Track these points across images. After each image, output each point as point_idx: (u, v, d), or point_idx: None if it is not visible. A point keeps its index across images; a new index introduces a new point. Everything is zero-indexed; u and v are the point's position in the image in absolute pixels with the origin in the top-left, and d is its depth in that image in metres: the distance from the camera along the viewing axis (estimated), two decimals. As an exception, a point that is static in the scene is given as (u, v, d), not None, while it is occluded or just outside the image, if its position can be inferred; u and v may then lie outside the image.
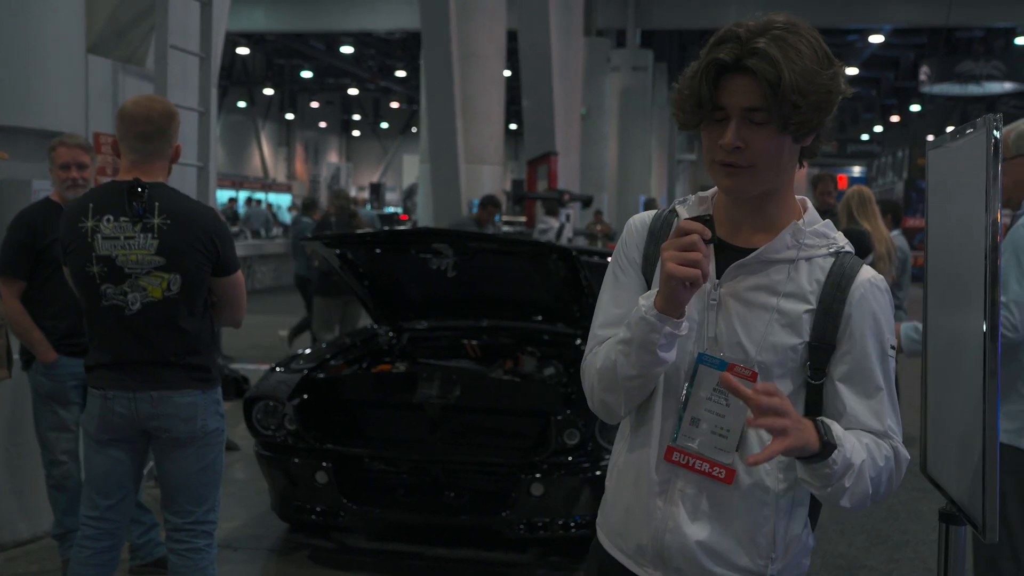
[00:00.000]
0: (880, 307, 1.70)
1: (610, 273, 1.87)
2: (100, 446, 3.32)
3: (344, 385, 5.12)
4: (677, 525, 1.73)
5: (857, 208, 6.65)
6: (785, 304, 1.68)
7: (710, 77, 1.59)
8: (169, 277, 3.20)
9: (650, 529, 1.76)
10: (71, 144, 4.24)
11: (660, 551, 1.76)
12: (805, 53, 1.57)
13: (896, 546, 5.19)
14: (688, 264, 1.57)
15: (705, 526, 1.72)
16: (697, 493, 1.72)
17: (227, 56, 32.66)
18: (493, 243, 5.48)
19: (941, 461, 2.52)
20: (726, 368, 1.67)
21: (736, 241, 1.73)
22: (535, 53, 18.82)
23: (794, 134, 1.62)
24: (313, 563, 4.83)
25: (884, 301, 1.72)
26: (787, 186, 1.73)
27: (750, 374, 1.65)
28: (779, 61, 1.54)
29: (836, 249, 1.72)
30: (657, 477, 1.75)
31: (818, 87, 1.58)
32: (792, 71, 1.55)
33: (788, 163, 1.68)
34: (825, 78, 1.59)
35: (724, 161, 1.63)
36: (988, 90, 26.26)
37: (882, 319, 1.71)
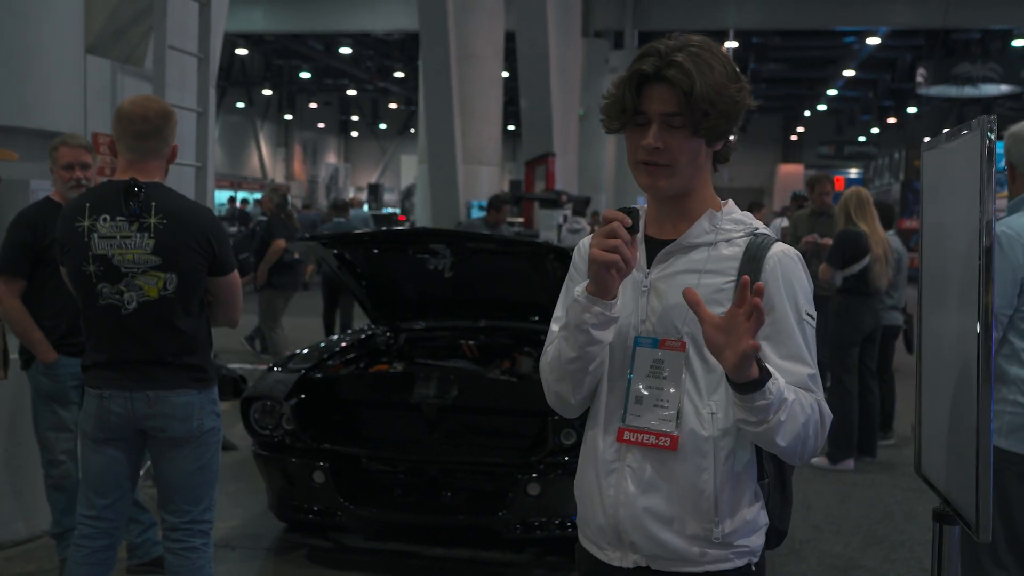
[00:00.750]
0: (794, 274, 1.84)
1: (565, 284, 2.08)
2: (97, 445, 3.33)
3: (341, 385, 5.13)
4: (627, 498, 1.86)
5: (855, 209, 6.67)
6: (706, 279, 1.84)
7: (633, 85, 1.80)
8: (165, 276, 3.21)
9: (604, 507, 1.89)
10: (74, 144, 4.25)
11: (615, 527, 1.88)
12: (716, 68, 1.78)
13: (892, 546, 5.21)
14: (607, 249, 1.75)
15: (652, 495, 1.84)
16: (642, 465, 1.86)
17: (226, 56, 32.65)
18: (490, 243, 5.49)
19: (934, 461, 2.54)
20: (659, 344, 1.86)
21: (663, 236, 1.92)
22: (533, 54, 18.85)
23: (706, 138, 1.82)
24: (310, 563, 4.83)
25: (797, 269, 1.85)
26: (704, 185, 1.91)
27: (679, 345, 1.85)
28: (693, 73, 1.75)
29: (752, 231, 1.89)
30: (608, 458, 1.90)
31: (726, 98, 1.79)
32: (703, 82, 1.75)
33: (703, 165, 1.87)
34: (732, 91, 1.80)
35: (645, 160, 1.84)
36: (985, 92, 26.26)
37: (796, 285, 1.83)
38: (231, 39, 29.65)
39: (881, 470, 6.79)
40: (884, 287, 6.73)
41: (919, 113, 36.81)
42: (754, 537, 1.87)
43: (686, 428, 1.83)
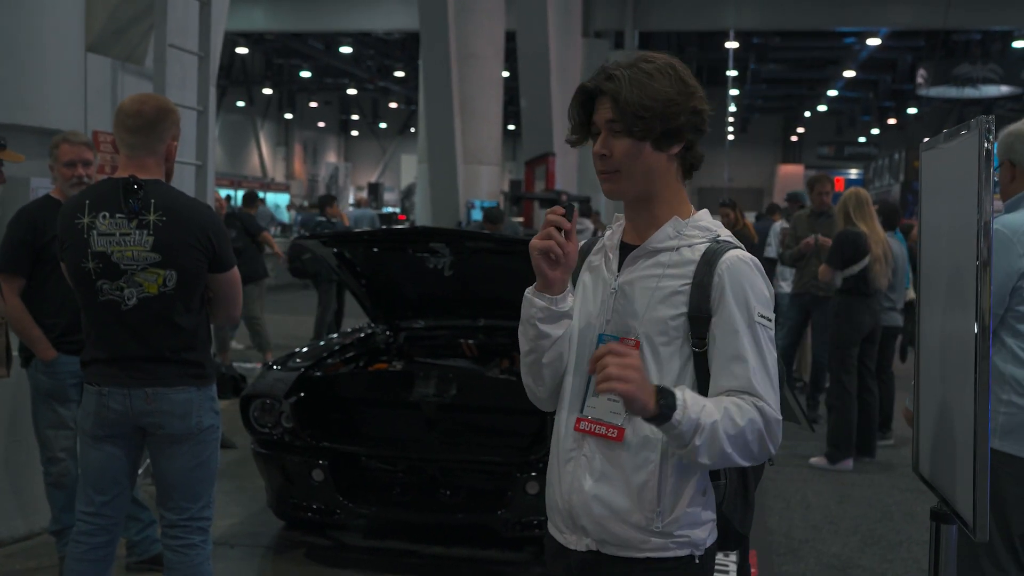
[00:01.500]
0: (745, 277, 1.90)
1: None
2: (96, 442, 3.33)
3: (341, 383, 5.14)
4: (580, 485, 1.98)
5: (854, 210, 6.68)
6: (664, 282, 1.95)
7: (578, 101, 1.99)
8: (165, 273, 3.21)
9: (562, 492, 2.02)
10: (75, 142, 4.25)
11: (569, 511, 2.00)
12: (656, 77, 1.89)
13: (890, 546, 5.21)
14: (543, 238, 1.93)
15: (602, 483, 1.96)
16: (594, 454, 1.97)
17: (226, 55, 32.66)
18: (489, 242, 5.50)
19: (932, 460, 2.54)
20: (618, 342, 1.95)
21: (634, 241, 2.03)
22: (533, 54, 18.85)
23: (646, 140, 1.91)
24: (309, 560, 4.84)
25: (750, 273, 1.90)
26: (669, 192, 1.99)
27: (633, 343, 1.94)
28: (623, 82, 1.89)
29: (714, 237, 1.96)
30: (568, 446, 2.02)
31: (660, 101, 1.88)
32: (634, 89, 1.88)
33: (658, 170, 1.96)
34: (671, 94, 1.89)
35: (599, 169, 1.98)
36: (985, 93, 26.26)
37: (747, 288, 1.89)
38: (231, 38, 29.64)
39: (880, 470, 6.79)
40: (884, 287, 6.73)
41: (919, 114, 36.81)
42: (698, 531, 1.94)
43: (635, 422, 1.91)
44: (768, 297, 1.93)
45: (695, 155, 1.99)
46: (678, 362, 1.93)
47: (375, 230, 5.95)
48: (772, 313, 1.93)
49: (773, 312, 1.94)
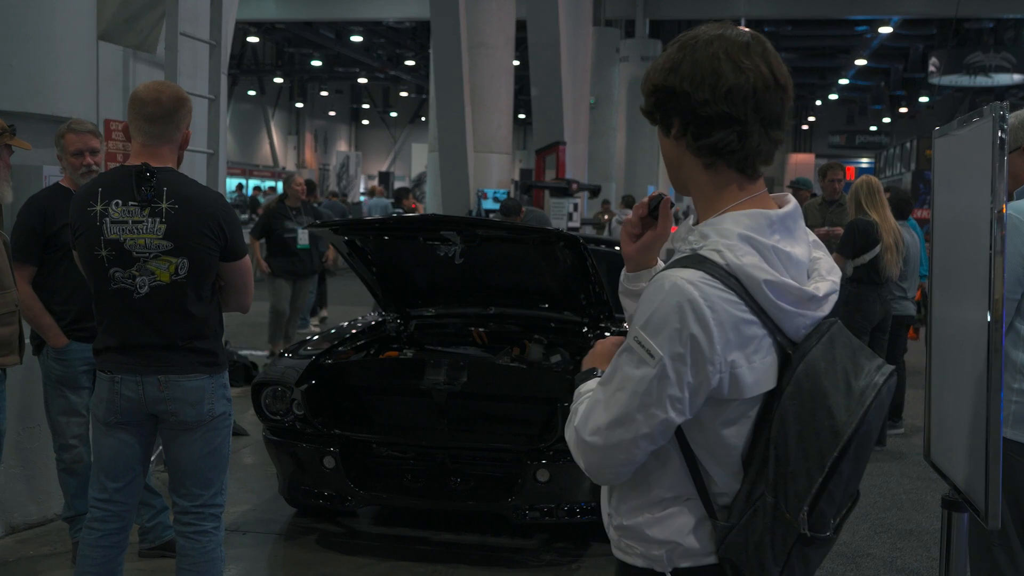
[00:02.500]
0: (649, 299, 1.65)
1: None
2: (108, 429, 3.35)
3: (352, 371, 5.15)
4: None
5: (865, 198, 6.65)
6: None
7: None
8: (177, 261, 3.22)
9: None
10: (81, 130, 4.26)
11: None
12: (656, 62, 1.77)
13: (900, 534, 5.21)
14: (626, 225, 1.84)
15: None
16: None
17: (237, 44, 32.66)
18: (500, 231, 5.50)
19: (944, 449, 2.54)
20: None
21: None
22: (544, 43, 18.79)
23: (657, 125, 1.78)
24: (320, 547, 4.86)
25: (656, 297, 1.63)
26: (695, 185, 1.77)
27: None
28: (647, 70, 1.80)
29: (695, 248, 1.69)
30: None
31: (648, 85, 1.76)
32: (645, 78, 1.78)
33: (675, 159, 1.77)
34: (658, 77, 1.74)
35: None
36: (997, 82, 26.12)
37: (644, 309, 1.65)
38: (242, 27, 29.66)
39: (890, 459, 6.78)
40: (895, 276, 6.71)
41: (931, 103, 36.62)
42: (653, 547, 1.76)
43: None
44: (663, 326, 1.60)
45: (713, 141, 1.69)
46: None
47: (386, 218, 5.94)
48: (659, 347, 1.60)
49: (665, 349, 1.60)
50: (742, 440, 1.71)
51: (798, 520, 1.65)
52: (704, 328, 1.59)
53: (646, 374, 1.62)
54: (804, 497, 1.64)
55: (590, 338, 5.38)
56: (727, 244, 1.65)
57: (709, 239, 1.67)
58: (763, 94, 1.67)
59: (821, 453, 1.63)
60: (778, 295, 1.64)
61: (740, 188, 1.72)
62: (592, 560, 4.71)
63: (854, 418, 1.63)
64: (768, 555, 1.69)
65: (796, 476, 1.65)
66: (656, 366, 1.61)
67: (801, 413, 1.65)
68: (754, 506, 1.70)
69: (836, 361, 1.68)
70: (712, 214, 1.72)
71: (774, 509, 1.67)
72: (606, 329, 5.37)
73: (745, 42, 1.69)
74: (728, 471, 1.73)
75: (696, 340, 1.59)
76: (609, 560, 5.13)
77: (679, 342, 1.60)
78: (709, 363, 1.61)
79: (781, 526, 1.67)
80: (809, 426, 1.65)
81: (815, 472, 1.64)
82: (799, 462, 1.65)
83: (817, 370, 1.67)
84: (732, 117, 1.66)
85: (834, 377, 1.66)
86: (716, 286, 1.60)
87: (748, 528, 1.70)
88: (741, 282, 1.62)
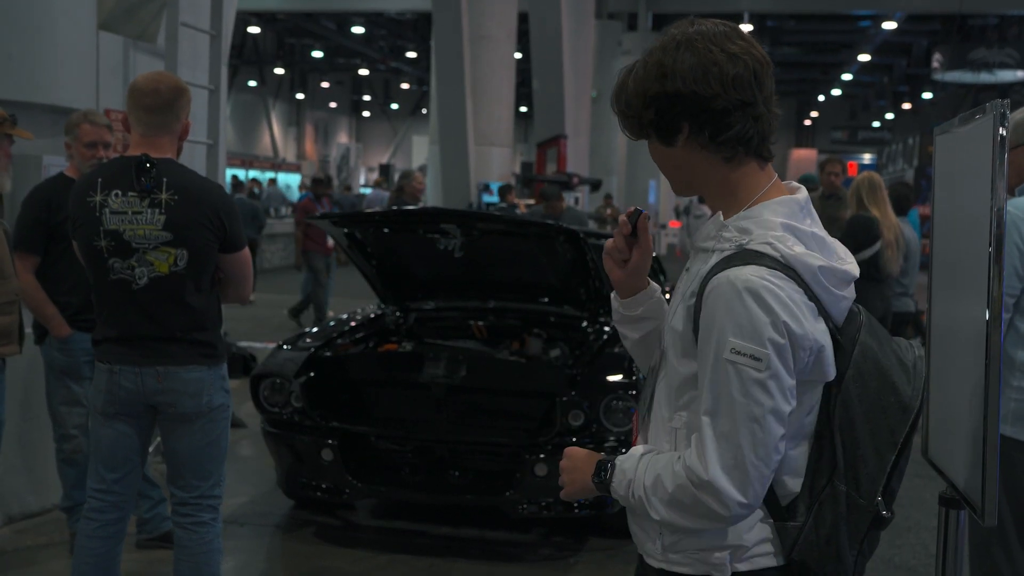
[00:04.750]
0: (723, 306, 1.59)
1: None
2: (107, 420, 3.35)
3: (351, 364, 5.15)
4: None
5: (867, 194, 6.64)
6: (685, 291, 1.74)
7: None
8: (176, 252, 3.22)
9: None
10: (98, 123, 4.26)
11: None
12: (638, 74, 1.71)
13: (898, 532, 5.21)
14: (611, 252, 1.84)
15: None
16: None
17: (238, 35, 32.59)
18: (500, 224, 5.50)
19: (942, 446, 2.54)
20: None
21: None
22: (546, 35, 18.78)
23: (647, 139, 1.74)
24: (318, 539, 4.87)
25: (732, 300, 1.58)
26: (713, 185, 1.75)
27: (660, 351, 1.83)
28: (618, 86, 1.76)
29: (741, 243, 1.66)
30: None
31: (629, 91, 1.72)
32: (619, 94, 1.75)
33: (684, 165, 1.74)
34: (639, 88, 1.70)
35: None
36: (1001, 78, 26.08)
37: (722, 319, 1.59)
38: (243, 17, 29.59)
39: (889, 456, 6.78)
40: (895, 273, 6.70)
41: (934, 99, 36.57)
42: (715, 553, 1.71)
43: (652, 428, 1.80)
44: (755, 327, 1.57)
45: (734, 132, 1.67)
46: (682, 379, 1.72)
47: (386, 210, 5.94)
48: (761, 347, 1.57)
49: (767, 346, 1.57)
50: (807, 428, 1.71)
51: (875, 503, 1.66)
52: (791, 314, 1.59)
53: (763, 379, 1.58)
54: (879, 479, 1.66)
55: (589, 332, 5.38)
56: (775, 236, 1.64)
57: (753, 233, 1.66)
58: (760, 73, 1.70)
59: (891, 431, 1.67)
60: (830, 280, 1.66)
61: (758, 174, 1.73)
62: (590, 555, 4.71)
63: (917, 391, 1.70)
64: (845, 545, 1.68)
65: (867, 459, 1.67)
66: (768, 367, 1.58)
67: (865, 394, 1.68)
68: (820, 499, 1.69)
69: (882, 340, 1.75)
70: (739, 207, 1.72)
71: (847, 497, 1.68)
72: (605, 323, 5.37)
73: (724, 31, 1.70)
74: (794, 464, 1.71)
75: (789, 327, 1.59)
76: (607, 555, 5.11)
77: (777, 334, 1.58)
78: (802, 348, 1.61)
79: (855, 513, 1.67)
80: (876, 405, 1.68)
81: (886, 450, 1.67)
82: (868, 444, 1.67)
83: (873, 350, 1.72)
84: (745, 103, 1.67)
85: (888, 355, 1.72)
86: (782, 278, 1.60)
87: (818, 524, 1.68)
88: (798, 272, 1.62)
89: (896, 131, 40.22)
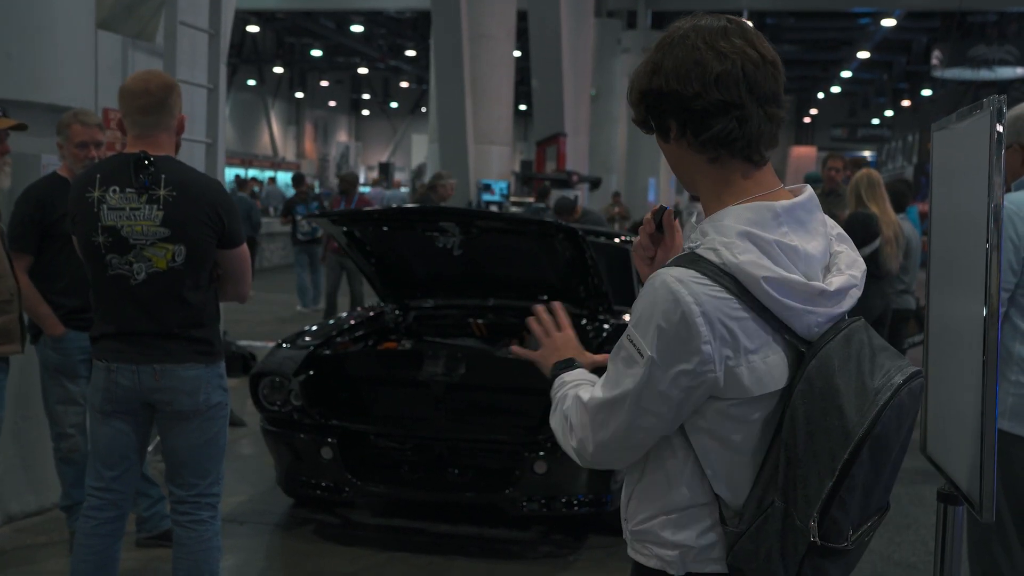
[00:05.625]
0: (643, 296, 1.63)
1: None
2: (105, 418, 3.35)
3: (350, 362, 5.15)
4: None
5: (866, 191, 6.64)
6: None
7: None
8: (174, 248, 3.22)
9: None
10: (88, 123, 4.25)
11: None
12: (638, 69, 1.72)
13: (897, 528, 5.21)
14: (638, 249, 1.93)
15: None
16: None
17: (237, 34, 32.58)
18: (499, 222, 5.50)
19: (940, 442, 2.54)
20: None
21: None
22: (545, 34, 18.76)
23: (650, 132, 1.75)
24: (318, 538, 4.87)
25: (647, 292, 1.62)
26: (703, 184, 1.72)
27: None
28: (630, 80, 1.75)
29: (692, 246, 1.66)
30: None
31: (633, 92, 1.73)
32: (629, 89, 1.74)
33: (680, 162, 1.73)
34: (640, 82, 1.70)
35: None
36: (1000, 75, 26.06)
37: (636, 306, 1.64)
38: (242, 16, 29.58)
39: (888, 453, 6.78)
40: (895, 270, 6.70)
41: (934, 96, 36.57)
42: (666, 550, 1.72)
43: None
44: (650, 324, 1.59)
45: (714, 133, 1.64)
46: None
47: (385, 209, 5.94)
48: (647, 346, 1.59)
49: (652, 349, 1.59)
50: (752, 442, 1.66)
51: (808, 527, 1.58)
52: (689, 326, 1.56)
53: (637, 372, 1.61)
54: (814, 502, 1.57)
55: (589, 331, 5.38)
56: (724, 242, 1.60)
57: (707, 236, 1.63)
58: (753, 73, 1.62)
59: (832, 455, 1.57)
60: (781, 292, 1.59)
61: (746, 177, 1.68)
62: (589, 552, 4.71)
63: (866, 419, 1.56)
64: (778, 564, 1.63)
65: (807, 479, 1.58)
66: (646, 364, 1.60)
67: (811, 412, 1.59)
68: (765, 512, 1.64)
69: (851, 359, 1.62)
70: (718, 209, 1.68)
71: (784, 515, 1.61)
72: (605, 321, 5.37)
73: (722, 27, 1.65)
74: (739, 476, 1.67)
75: (681, 338, 1.56)
76: (606, 553, 5.14)
77: (667, 339, 1.57)
78: (699, 360, 1.57)
79: (792, 533, 1.61)
80: (820, 426, 1.58)
81: (825, 475, 1.57)
82: (809, 464, 1.58)
83: (830, 368, 1.60)
84: (728, 103, 1.61)
85: (847, 375, 1.60)
86: (704, 283, 1.57)
87: (759, 535, 1.64)
88: (738, 280, 1.57)
89: (896, 128, 40.21)
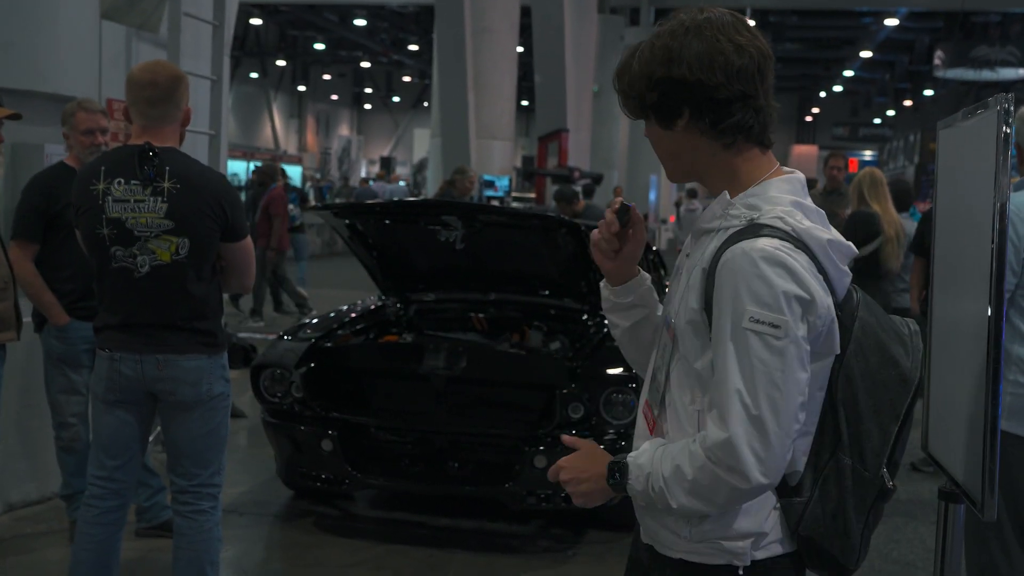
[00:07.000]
0: (740, 276, 1.59)
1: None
2: (107, 407, 3.36)
3: (351, 355, 5.15)
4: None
5: (868, 190, 6.64)
6: (695, 269, 1.73)
7: None
8: (178, 241, 3.22)
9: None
10: (92, 110, 4.26)
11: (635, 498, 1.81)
12: (645, 48, 1.74)
13: (896, 526, 5.22)
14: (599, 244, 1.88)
15: None
16: (644, 440, 1.82)
17: (240, 26, 32.57)
18: (501, 216, 5.50)
19: (942, 440, 2.54)
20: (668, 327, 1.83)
21: None
22: (548, 29, 18.76)
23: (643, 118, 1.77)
24: (318, 530, 4.87)
25: (749, 269, 1.59)
26: (715, 168, 1.77)
27: (670, 332, 1.80)
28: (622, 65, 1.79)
29: (751, 218, 1.68)
30: (640, 427, 1.89)
31: (634, 73, 1.75)
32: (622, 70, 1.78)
33: (683, 149, 1.77)
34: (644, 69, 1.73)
35: None
36: (1003, 76, 26.04)
37: (741, 288, 1.59)
38: (246, 9, 29.54)
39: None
40: (896, 269, 6.70)
41: (935, 96, 36.55)
42: (736, 542, 1.71)
43: (670, 416, 1.77)
44: (773, 295, 1.57)
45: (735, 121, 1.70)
46: (702, 361, 1.70)
47: (387, 202, 5.94)
48: (780, 314, 1.57)
49: (786, 313, 1.58)
50: (813, 415, 1.71)
51: (880, 475, 1.70)
52: (807, 283, 1.60)
53: (783, 346, 1.59)
54: (883, 452, 1.72)
55: (590, 325, 5.38)
56: (784, 211, 1.67)
57: (762, 208, 1.68)
58: (764, 66, 1.72)
59: (893, 404, 1.72)
60: (836, 254, 1.68)
61: (763, 157, 1.76)
62: (588, 547, 4.72)
63: (916, 363, 1.73)
64: (852, 519, 1.70)
65: (870, 433, 1.71)
66: (788, 333, 1.58)
67: (867, 370, 1.71)
68: (823, 474, 1.71)
69: (875, 314, 1.76)
70: (742, 189, 1.74)
71: (852, 471, 1.70)
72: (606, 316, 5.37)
73: (731, 21, 1.73)
74: (799, 447, 1.71)
75: (806, 296, 1.60)
76: (605, 547, 5.12)
77: (796, 301, 1.59)
78: (818, 317, 1.62)
79: (861, 486, 1.70)
80: (877, 380, 1.71)
81: (889, 423, 1.72)
82: (871, 418, 1.72)
83: (872, 326, 1.74)
84: (747, 94, 1.70)
85: (887, 330, 1.75)
86: (790, 247, 1.62)
87: (824, 499, 1.70)
88: (808, 245, 1.64)
89: (897, 128, 40.18)
